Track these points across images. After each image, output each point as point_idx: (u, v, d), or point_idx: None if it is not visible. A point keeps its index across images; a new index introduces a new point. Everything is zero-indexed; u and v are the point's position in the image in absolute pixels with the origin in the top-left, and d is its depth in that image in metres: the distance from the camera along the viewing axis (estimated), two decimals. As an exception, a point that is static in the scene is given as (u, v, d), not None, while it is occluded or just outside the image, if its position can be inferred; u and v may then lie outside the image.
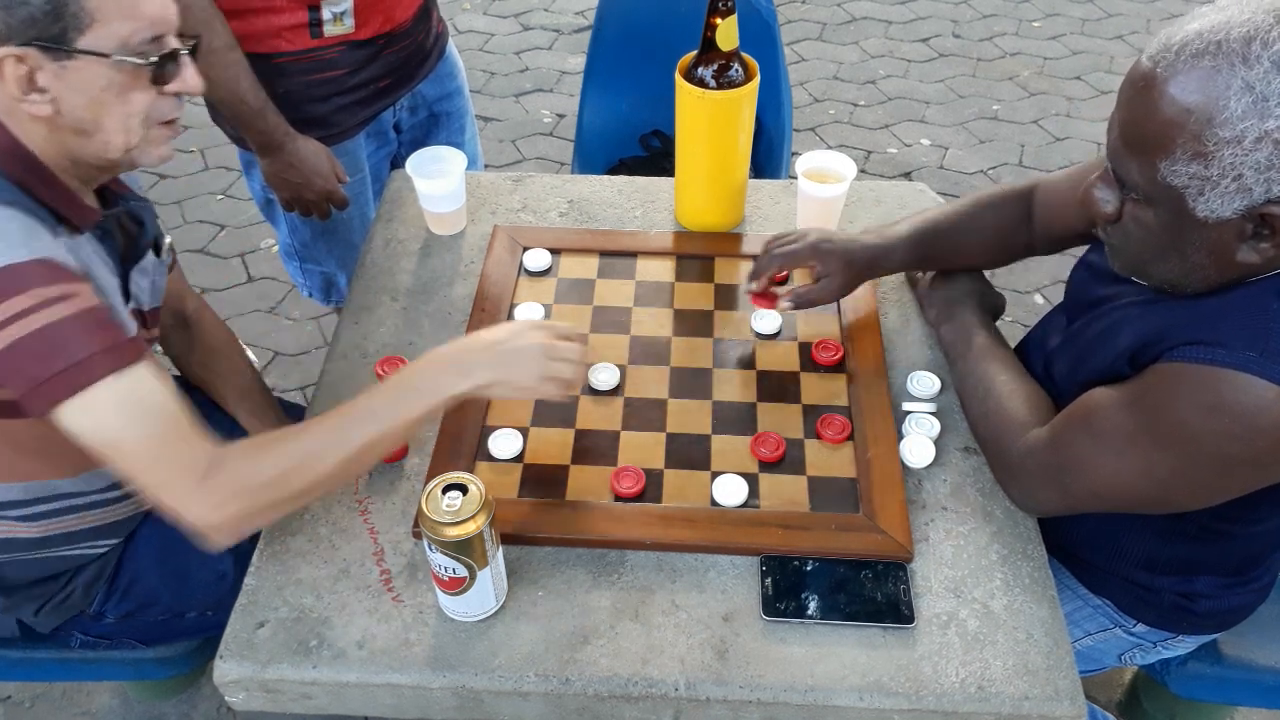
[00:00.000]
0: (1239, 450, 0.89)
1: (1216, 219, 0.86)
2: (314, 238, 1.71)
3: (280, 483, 0.96)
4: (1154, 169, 0.86)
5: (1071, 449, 1.00)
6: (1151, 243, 0.92)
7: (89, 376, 0.91)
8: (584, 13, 3.74)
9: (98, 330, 0.92)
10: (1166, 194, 0.87)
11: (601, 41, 2.15)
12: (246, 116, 1.44)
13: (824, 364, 1.24)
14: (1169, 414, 0.91)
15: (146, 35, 0.95)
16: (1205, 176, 0.84)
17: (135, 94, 0.97)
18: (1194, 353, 0.90)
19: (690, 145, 1.36)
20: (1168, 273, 0.94)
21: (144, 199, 1.15)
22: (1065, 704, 0.94)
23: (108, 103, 0.96)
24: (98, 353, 0.92)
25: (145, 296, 1.13)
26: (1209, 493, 0.97)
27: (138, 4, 0.94)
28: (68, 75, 0.93)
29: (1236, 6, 0.83)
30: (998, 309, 1.29)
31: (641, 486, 1.09)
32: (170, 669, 1.37)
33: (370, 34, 1.50)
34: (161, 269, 1.19)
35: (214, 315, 1.42)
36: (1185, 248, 0.90)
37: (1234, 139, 0.81)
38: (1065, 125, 3.21)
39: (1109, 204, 0.94)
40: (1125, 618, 1.20)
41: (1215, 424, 0.88)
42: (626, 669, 0.96)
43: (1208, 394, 0.88)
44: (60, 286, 0.91)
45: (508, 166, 3.02)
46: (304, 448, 0.97)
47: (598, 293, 1.35)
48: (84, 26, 0.91)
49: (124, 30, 0.93)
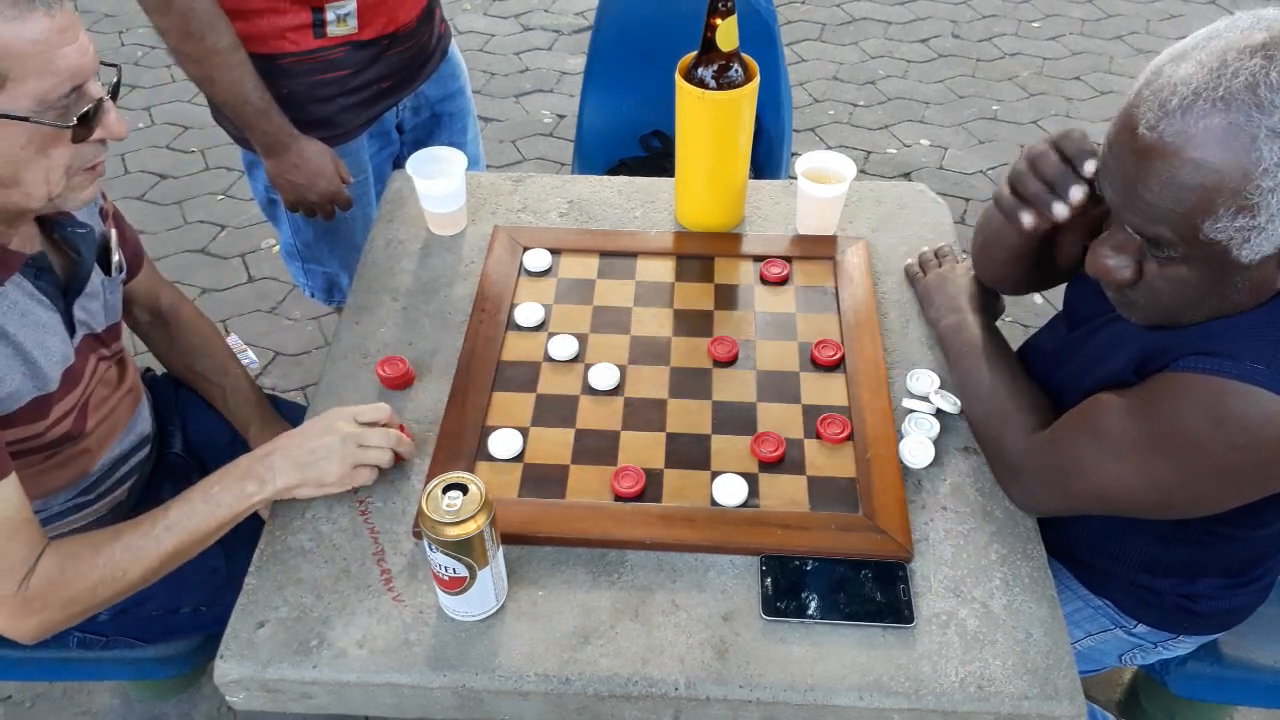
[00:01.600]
0: (1242, 461, 0.89)
1: (1262, 258, 0.84)
2: (316, 238, 1.71)
3: (87, 595, 1.01)
4: (1194, 230, 0.83)
5: (1073, 451, 1.00)
6: (1188, 295, 0.90)
7: None
8: (584, 13, 3.75)
9: None
10: (1208, 249, 0.84)
11: (601, 42, 2.15)
12: (251, 118, 1.45)
13: (824, 364, 1.24)
14: (1173, 423, 0.91)
15: (65, 89, 0.90)
16: (1253, 226, 0.81)
17: (56, 149, 0.93)
18: (1201, 363, 0.90)
19: (690, 146, 1.36)
20: (1202, 315, 0.92)
21: (85, 225, 1.11)
22: (1065, 704, 0.94)
23: (28, 160, 0.91)
24: None
25: (98, 319, 1.13)
26: (1211, 501, 0.97)
27: (53, 59, 0.88)
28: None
29: (1200, 52, 0.81)
30: (997, 309, 1.29)
31: (641, 486, 1.09)
32: (170, 668, 1.37)
33: (374, 35, 1.50)
34: (114, 285, 1.18)
35: (193, 310, 1.42)
36: (1226, 290, 0.88)
37: (1275, 186, 0.79)
38: (1065, 125, 3.20)
39: (1126, 269, 0.91)
40: (1126, 619, 1.20)
41: (1220, 435, 0.88)
42: (626, 669, 0.96)
43: (1214, 405, 0.88)
44: None
45: (508, 167, 3.02)
46: (111, 560, 1.01)
47: (598, 293, 1.35)
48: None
49: (41, 88, 0.88)
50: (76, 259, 1.10)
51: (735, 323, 1.31)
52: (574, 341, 1.26)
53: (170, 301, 1.38)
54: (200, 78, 1.41)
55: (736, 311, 1.33)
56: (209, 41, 1.36)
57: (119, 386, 1.22)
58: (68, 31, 0.90)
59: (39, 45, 0.87)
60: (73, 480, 1.17)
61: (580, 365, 1.24)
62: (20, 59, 0.86)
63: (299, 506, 1.10)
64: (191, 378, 1.41)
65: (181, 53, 1.38)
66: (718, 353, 1.25)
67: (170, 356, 1.41)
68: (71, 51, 0.90)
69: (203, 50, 1.37)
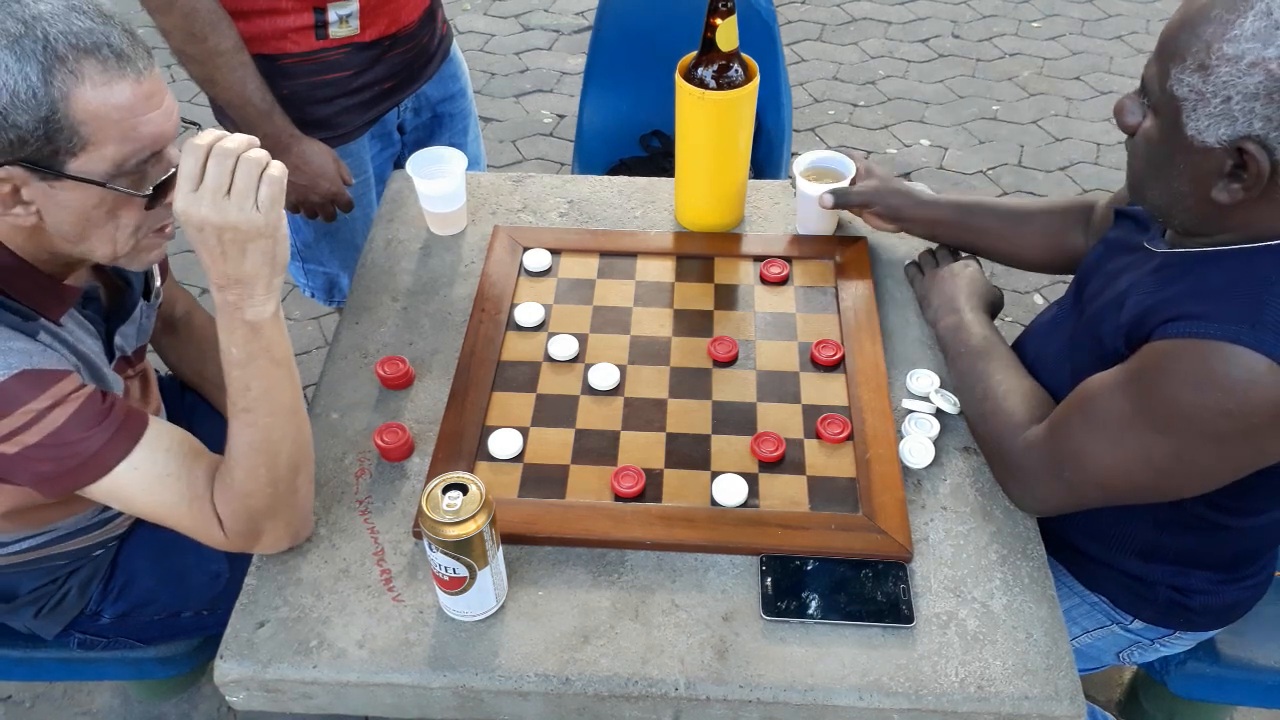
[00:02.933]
0: (1233, 427, 0.89)
1: (1201, 143, 0.87)
2: (317, 239, 1.71)
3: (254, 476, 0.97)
4: (1167, 75, 0.87)
5: (1070, 440, 1.00)
6: (1149, 159, 0.94)
7: (102, 467, 0.92)
8: (584, 13, 3.75)
9: (99, 421, 0.92)
10: (1169, 104, 0.88)
11: (601, 42, 2.15)
12: (253, 119, 1.45)
13: (824, 364, 1.24)
14: (1162, 393, 0.91)
15: (144, 155, 0.89)
16: (1200, 91, 0.85)
17: (126, 213, 0.92)
18: (1182, 327, 0.90)
19: (690, 146, 1.36)
20: (1157, 197, 0.95)
21: None
22: (1065, 703, 0.94)
23: (97, 220, 0.90)
24: (104, 444, 0.92)
25: (130, 342, 1.13)
26: (1207, 475, 0.97)
27: (136, 126, 0.87)
28: (55, 194, 0.87)
29: None
30: (996, 307, 1.30)
31: (641, 486, 1.09)
32: (171, 668, 1.37)
33: (375, 36, 1.50)
34: (151, 310, 1.18)
35: (205, 316, 1.42)
36: (1172, 170, 0.91)
37: (1234, 57, 0.82)
38: (1065, 125, 3.21)
39: (1134, 115, 0.95)
40: (1122, 614, 1.20)
41: (1206, 399, 0.88)
42: (626, 669, 0.96)
43: (1197, 368, 0.88)
44: (49, 395, 0.89)
45: (508, 167, 3.02)
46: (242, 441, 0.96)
47: (598, 293, 1.35)
48: (77, 150, 0.84)
49: (120, 154, 0.87)
50: (125, 289, 1.10)
51: (735, 323, 1.31)
52: (574, 341, 1.26)
53: (184, 309, 1.39)
54: (203, 79, 1.41)
55: (736, 311, 1.33)
56: (212, 42, 1.36)
57: (144, 403, 1.22)
58: (154, 97, 0.88)
59: (123, 112, 0.85)
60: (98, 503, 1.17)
61: (580, 365, 1.24)
62: (103, 125, 0.84)
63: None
64: (199, 383, 1.41)
65: (184, 53, 1.38)
66: (718, 353, 1.25)
67: (180, 362, 1.41)
68: (156, 117, 0.89)
69: (205, 51, 1.37)
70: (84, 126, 0.84)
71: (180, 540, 1.25)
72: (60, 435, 0.90)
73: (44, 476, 0.92)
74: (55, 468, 0.91)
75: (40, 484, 0.93)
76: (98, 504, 1.16)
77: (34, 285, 0.95)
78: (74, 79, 0.82)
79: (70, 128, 0.83)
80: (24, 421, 0.88)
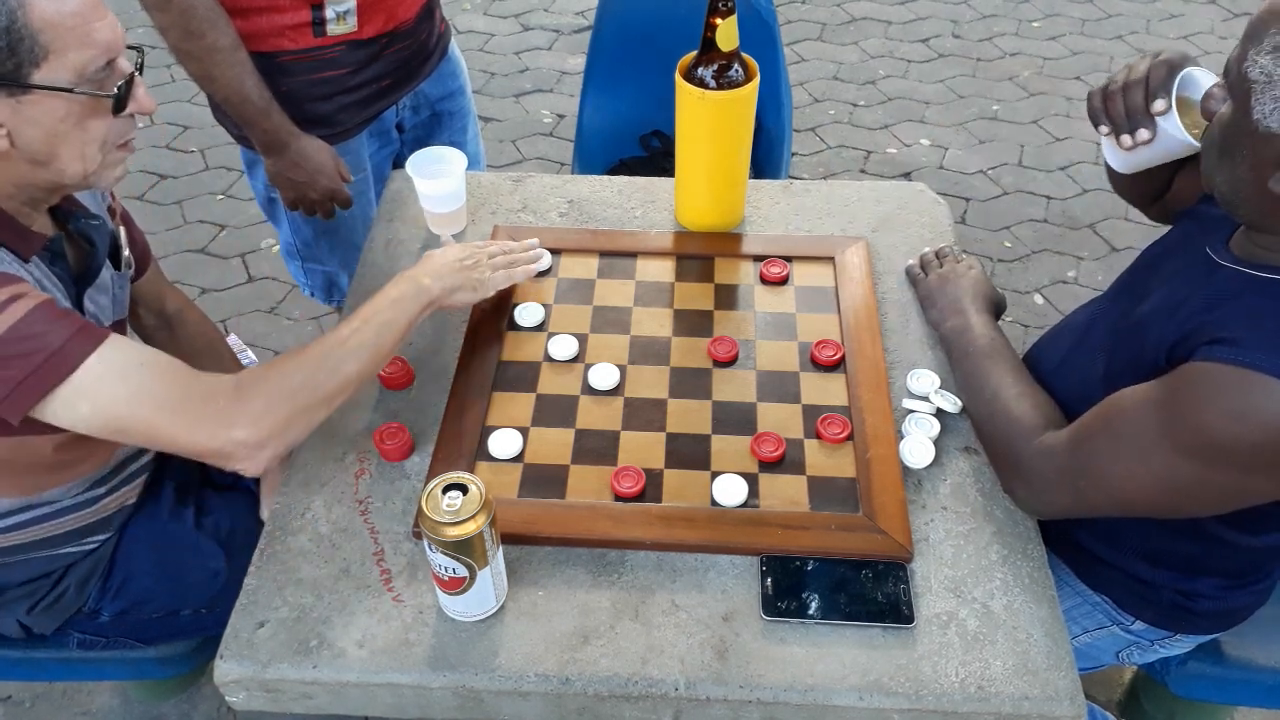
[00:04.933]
0: (1261, 460, 0.87)
1: (1265, 129, 0.84)
2: (316, 237, 1.71)
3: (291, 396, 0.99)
4: (1245, 56, 0.85)
5: (1092, 453, 0.98)
6: (1220, 143, 0.91)
7: (73, 360, 0.91)
8: (584, 13, 3.75)
9: (61, 319, 0.92)
10: (1241, 86, 0.86)
11: (601, 42, 2.15)
12: (251, 115, 1.45)
13: (824, 364, 1.24)
14: (1195, 418, 0.89)
15: (101, 62, 0.93)
16: (1270, 74, 0.83)
17: (93, 122, 0.95)
18: (1226, 352, 0.88)
19: (690, 145, 1.36)
20: (1223, 184, 0.92)
21: (97, 217, 1.12)
22: (1065, 704, 0.94)
23: (66, 133, 0.94)
24: (72, 336, 0.91)
25: (106, 313, 1.13)
26: (1222, 502, 0.96)
27: (89, 32, 0.91)
28: (24, 109, 0.90)
29: None
30: (1000, 308, 1.29)
31: (641, 486, 1.09)
32: (170, 668, 1.37)
33: (373, 33, 1.50)
34: (123, 281, 1.18)
35: (199, 314, 1.42)
36: (1237, 155, 0.88)
37: None
38: (1065, 125, 3.21)
39: (1220, 101, 0.92)
40: (1123, 615, 1.20)
41: (1240, 430, 0.86)
42: (626, 669, 0.96)
43: (1235, 398, 0.86)
44: (6, 290, 0.90)
45: (508, 167, 3.02)
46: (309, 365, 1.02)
47: (598, 293, 1.35)
48: (39, 60, 0.88)
49: (80, 60, 0.91)
50: (89, 250, 1.10)
51: (735, 323, 1.31)
52: (574, 341, 1.26)
53: (176, 306, 1.38)
54: (200, 76, 1.41)
55: (736, 311, 1.32)
56: (209, 39, 1.36)
57: None
58: (99, 7, 0.93)
59: (77, 18, 0.90)
60: (89, 471, 1.17)
61: (580, 365, 1.24)
62: (60, 32, 0.89)
63: (299, 507, 1.10)
64: None
65: (182, 50, 1.38)
66: (718, 353, 1.25)
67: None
68: (105, 26, 0.93)
69: (203, 48, 1.37)
70: (42, 35, 0.88)
71: (179, 537, 1.26)
72: (20, 328, 0.89)
73: (8, 382, 0.90)
74: (18, 369, 0.90)
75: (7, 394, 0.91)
76: (86, 474, 1.16)
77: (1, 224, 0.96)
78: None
79: (30, 37, 0.87)
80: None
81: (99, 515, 1.22)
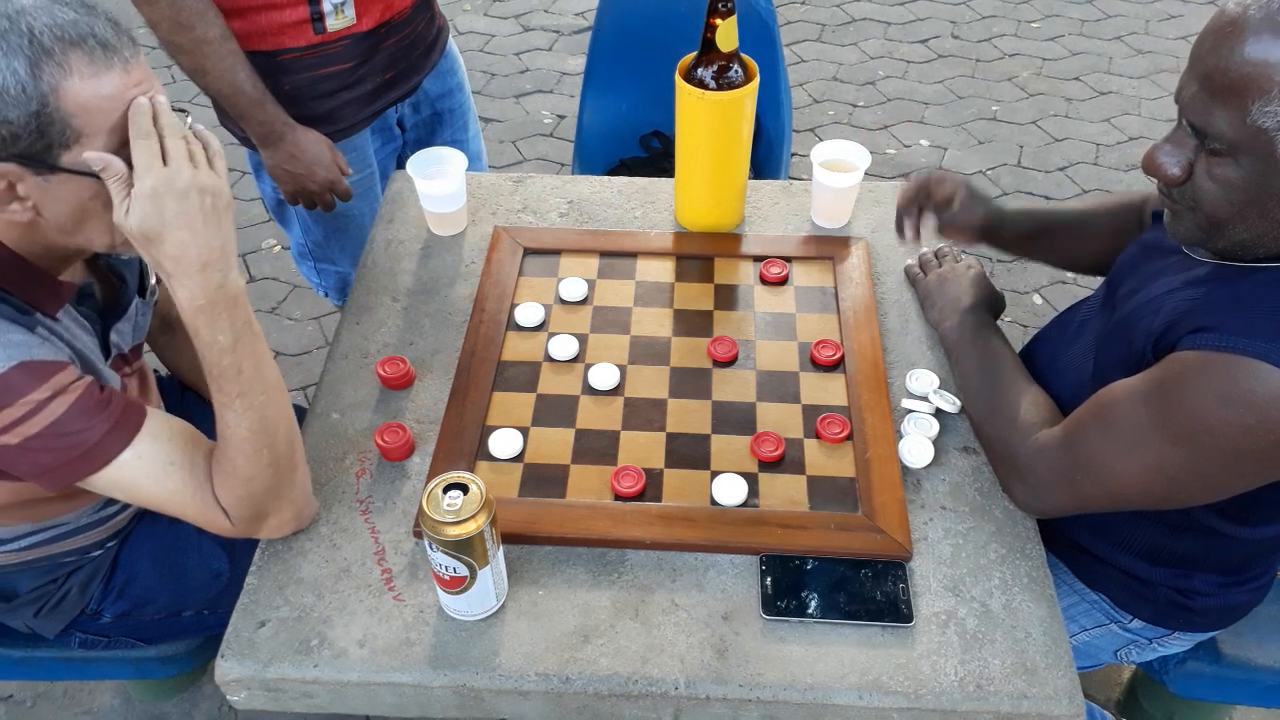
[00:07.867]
0: (1252, 444, 0.88)
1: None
2: (327, 237, 1.71)
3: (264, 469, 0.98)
4: (1245, 113, 0.84)
5: (1085, 447, 0.99)
6: (1232, 198, 0.89)
7: (104, 457, 0.93)
8: (584, 13, 3.75)
9: (99, 412, 0.92)
10: (1255, 139, 0.84)
11: (601, 42, 2.15)
12: (245, 107, 1.45)
13: (824, 364, 1.24)
14: (1184, 404, 0.90)
15: None
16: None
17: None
18: (1212, 339, 0.89)
19: (690, 146, 1.37)
20: (1242, 232, 0.91)
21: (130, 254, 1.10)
22: (1064, 703, 0.94)
23: (93, 210, 0.91)
24: (106, 434, 0.92)
25: (126, 339, 1.13)
26: (1215, 488, 0.97)
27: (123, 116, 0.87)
28: (52, 188, 0.87)
29: None
30: (999, 308, 1.30)
31: (641, 486, 1.10)
32: (172, 668, 1.37)
33: (372, 24, 1.50)
34: (146, 307, 1.18)
35: None
36: (1268, 200, 0.87)
37: None
38: (1064, 126, 3.21)
39: (1176, 165, 0.91)
40: (1121, 613, 1.20)
41: (1230, 414, 0.87)
42: (626, 668, 0.96)
43: (1223, 382, 0.87)
44: (48, 385, 0.89)
45: (508, 167, 3.03)
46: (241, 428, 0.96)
47: (598, 293, 1.35)
48: (70, 143, 0.85)
49: (112, 144, 0.87)
50: (120, 285, 1.10)
51: (735, 323, 1.31)
52: (574, 341, 1.26)
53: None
54: (193, 69, 1.41)
55: (736, 311, 1.33)
56: (199, 31, 1.36)
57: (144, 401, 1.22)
58: (142, 85, 0.88)
59: (113, 102, 0.86)
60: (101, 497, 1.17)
61: (580, 365, 1.25)
62: (94, 116, 0.85)
63: (300, 506, 1.10)
64: (198, 381, 1.41)
65: (173, 44, 1.38)
66: (717, 353, 1.25)
67: (178, 363, 1.41)
68: None
69: (193, 40, 1.36)
70: (75, 119, 0.84)
71: (181, 539, 1.26)
72: (61, 425, 0.90)
73: (46, 468, 0.92)
74: (57, 458, 0.91)
75: (43, 476, 0.93)
76: (99, 498, 1.17)
77: (30, 281, 0.95)
78: (62, 72, 0.82)
79: (62, 121, 0.83)
80: (24, 412, 0.88)
81: (110, 531, 1.22)
